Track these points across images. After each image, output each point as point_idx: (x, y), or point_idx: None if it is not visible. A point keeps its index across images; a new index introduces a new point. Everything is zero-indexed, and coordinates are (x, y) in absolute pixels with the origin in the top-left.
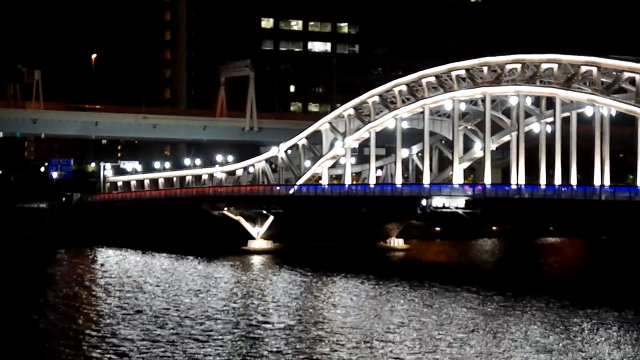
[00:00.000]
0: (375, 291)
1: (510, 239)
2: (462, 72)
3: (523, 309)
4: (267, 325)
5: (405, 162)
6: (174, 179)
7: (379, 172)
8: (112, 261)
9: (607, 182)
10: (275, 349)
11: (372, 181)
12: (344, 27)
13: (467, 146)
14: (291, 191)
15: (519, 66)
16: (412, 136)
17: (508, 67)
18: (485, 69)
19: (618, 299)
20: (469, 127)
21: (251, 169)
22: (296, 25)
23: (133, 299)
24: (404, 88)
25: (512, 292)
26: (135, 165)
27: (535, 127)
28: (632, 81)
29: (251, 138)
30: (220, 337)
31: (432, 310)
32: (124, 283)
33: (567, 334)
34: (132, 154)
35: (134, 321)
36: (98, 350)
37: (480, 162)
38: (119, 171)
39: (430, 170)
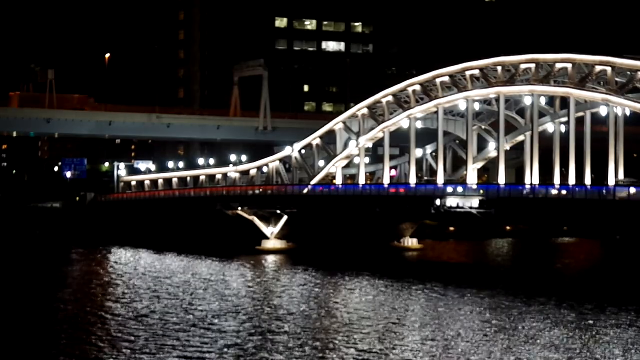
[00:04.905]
0: (389, 291)
1: (524, 239)
2: (477, 72)
3: (536, 309)
4: (280, 324)
5: (419, 162)
6: (188, 178)
7: (393, 172)
8: (126, 261)
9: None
10: (287, 348)
11: (386, 181)
12: (358, 26)
13: (481, 146)
14: (305, 191)
15: (533, 66)
16: (426, 136)
17: (522, 66)
18: (499, 68)
19: (632, 299)
20: (483, 127)
21: (265, 169)
22: (310, 25)
23: (146, 298)
24: (418, 88)
25: (525, 292)
26: (149, 165)
27: (549, 127)
28: None
29: (265, 138)
30: (232, 336)
31: (445, 310)
32: (138, 283)
33: (582, 334)
34: (145, 153)
35: (147, 320)
36: (108, 350)
37: (494, 162)
38: (132, 171)
39: (445, 170)
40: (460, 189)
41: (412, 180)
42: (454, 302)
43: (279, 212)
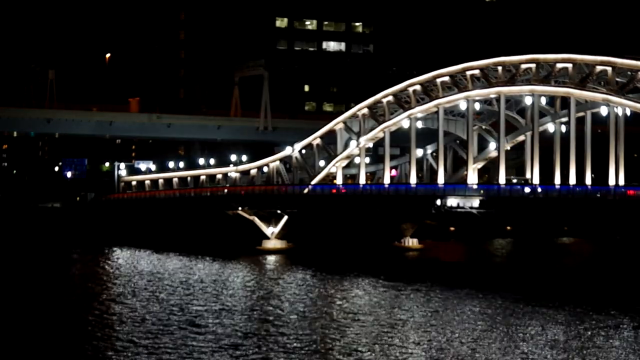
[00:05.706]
0: (389, 291)
1: (524, 238)
2: (477, 72)
3: (535, 309)
4: (279, 324)
5: (419, 161)
6: (188, 178)
7: (394, 172)
8: (125, 261)
9: (621, 182)
10: (286, 348)
11: (386, 181)
12: (359, 26)
13: (482, 146)
14: (305, 191)
15: (533, 66)
16: (427, 136)
17: (523, 66)
18: (499, 68)
19: (631, 299)
20: (483, 127)
21: (265, 169)
22: (310, 24)
23: (145, 298)
24: (418, 88)
25: (525, 292)
26: (150, 165)
27: (549, 127)
28: None
29: (265, 138)
30: (231, 336)
31: (445, 310)
32: (137, 283)
33: (581, 334)
34: (146, 153)
35: (146, 319)
36: (105, 350)
37: (494, 162)
38: (133, 171)
39: (445, 170)
40: (460, 189)
41: (413, 180)
42: (454, 302)
43: (279, 212)
